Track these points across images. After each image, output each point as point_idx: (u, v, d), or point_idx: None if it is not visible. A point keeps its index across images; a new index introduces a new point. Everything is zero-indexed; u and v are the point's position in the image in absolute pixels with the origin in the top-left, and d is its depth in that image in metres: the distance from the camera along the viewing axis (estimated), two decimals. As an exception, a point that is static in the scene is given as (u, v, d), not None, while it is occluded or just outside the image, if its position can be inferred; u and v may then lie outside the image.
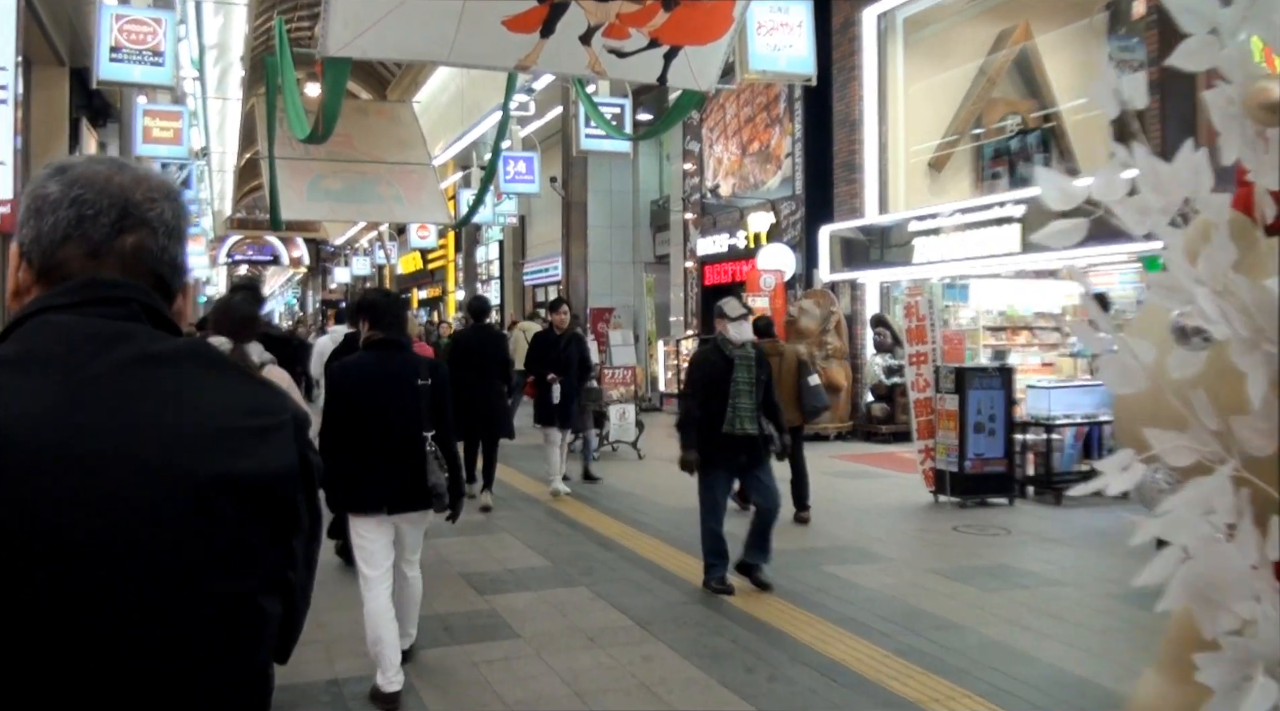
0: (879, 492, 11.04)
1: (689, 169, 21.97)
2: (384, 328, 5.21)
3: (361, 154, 26.09)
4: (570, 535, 8.78)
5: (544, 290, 32.06)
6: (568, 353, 10.66)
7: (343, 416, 4.99)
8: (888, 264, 15.77)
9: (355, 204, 25.35)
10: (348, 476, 4.90)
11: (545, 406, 10.68)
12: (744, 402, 6.75)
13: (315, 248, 70.37)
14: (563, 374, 10.56)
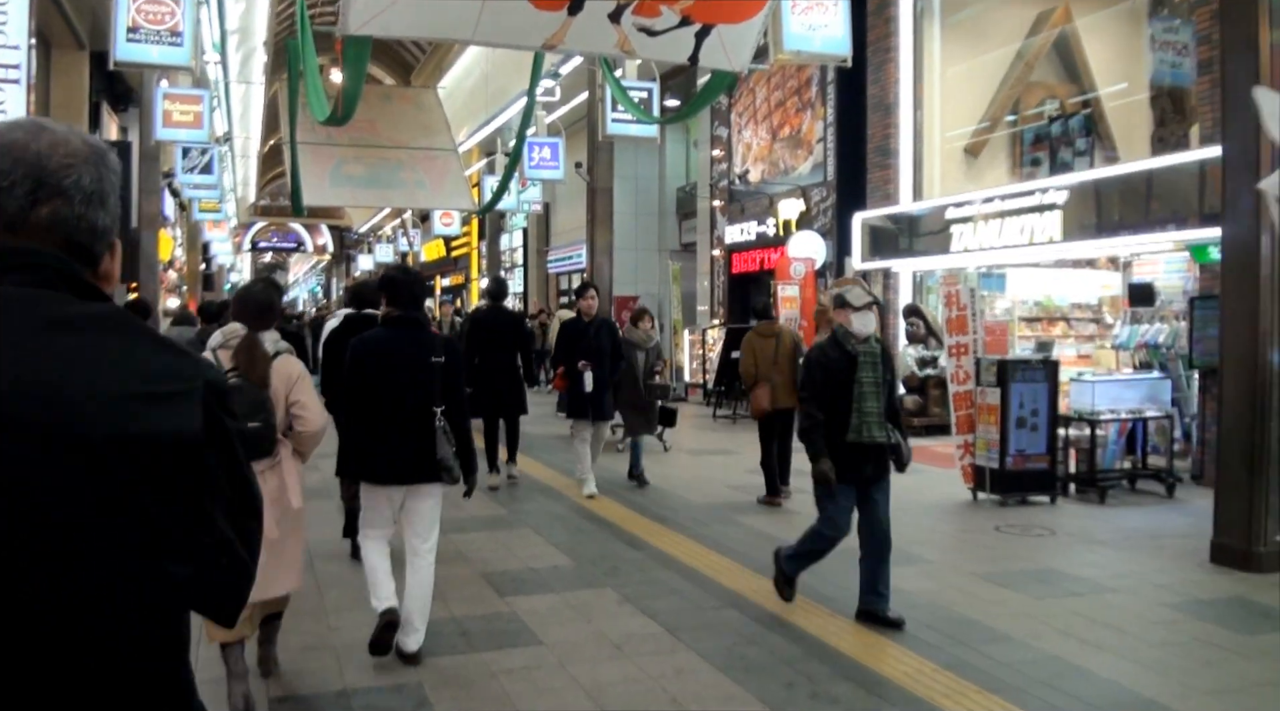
0: (915, 489, 10.60)
1: (717, 155, 21.58)
2: (401, 305, 5.38)
3: (385, 139, 25.80)
4: (594, 532, 8.43)
5: (568, 277, 31.77)
6: (598, 340, 10.01)
7: (358, 389, 5.21)
8: (922, 252, 15.36)
9: (378, 190, 25.09)
10: (360, 447, 5.19)
11: (577, 397, 10.01)
12: (870, 406, 5.92)
13: (339, 235, 70.44)
14: (595, 363, 9.94)
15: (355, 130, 25.94)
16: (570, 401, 10.27)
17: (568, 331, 10.27)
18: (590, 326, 10.08)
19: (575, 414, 10.13)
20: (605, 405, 10.07)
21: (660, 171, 26.71)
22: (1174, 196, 11.29)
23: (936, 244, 14.91)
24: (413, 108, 27.40)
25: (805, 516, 8.54)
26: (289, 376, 4.73)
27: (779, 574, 6.35)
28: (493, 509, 9.31)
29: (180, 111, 19.25)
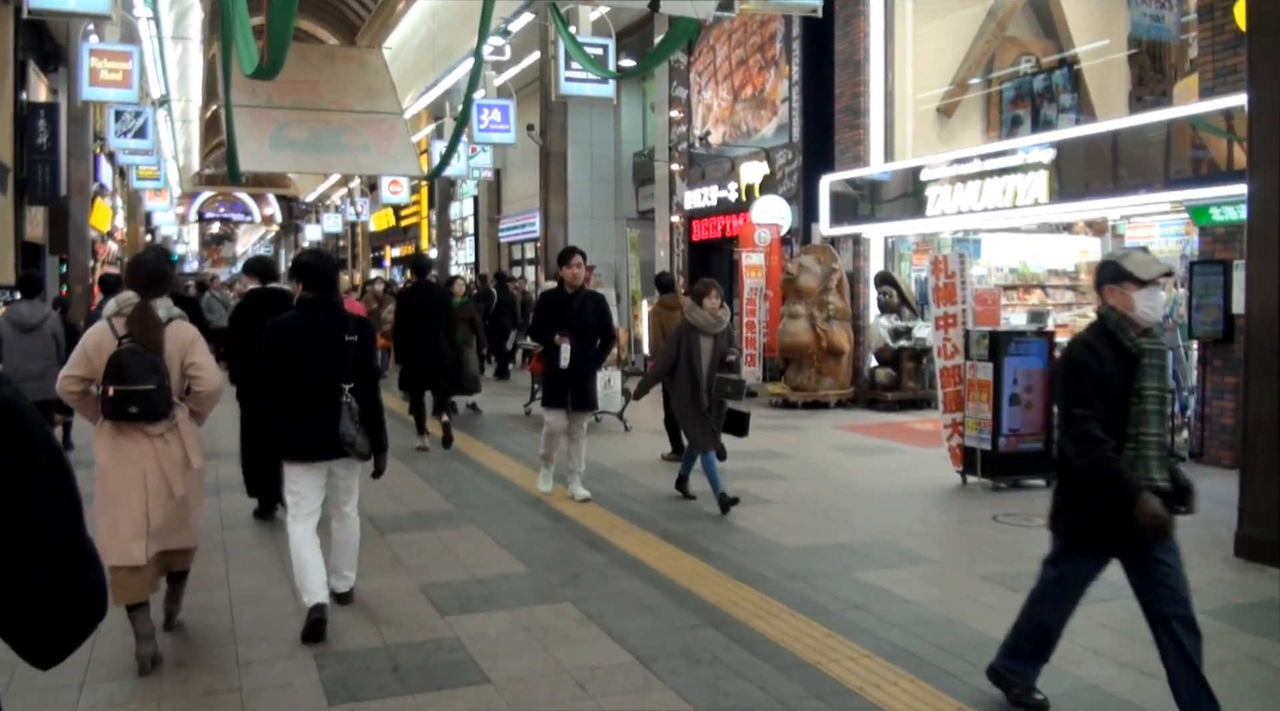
0: (898, 471, 9.81)
1: (675, 117, 20.59)
2: (315, 287, 5.49)
3: (328, 102, 24.73)
4: (551, 529, 7.52)
5: (520, 247, 30.75)
6: (583, 314, 8.40)
7: (277, 370, 5.31)
8: (894, 217, 14.50)
9: (320, 154, 24.02)
10: (282, 427, 5.33)
11: (553, 379, 8.33)
12: (1153, 431, 4.03)
13: (287, 205, 69.19)
14: (578, 340, 8.36)
15: (297, 92, 24.88)
16: (546, 385, 8.58)
17: (547, 303, 8.65)
18: (575, 298, 8.46)
19: (550, 401, 8.43)
20: (588, 391, 8.53)
21: (616, 136, 25.66)
22: (1172, 154, 10.48)
23: (910, 208, 14.05)
24: (357, 68, 26.30)
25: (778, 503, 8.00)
26: (183, 341, 4.90)
27: (1018, 694, 4.38)
28: (436, 502, 8.38)
29: (108, 69, 17.97)
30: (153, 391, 4.67)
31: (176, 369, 4.86)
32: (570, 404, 8.34)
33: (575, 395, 8.34)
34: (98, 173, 31.02)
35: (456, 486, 9.04)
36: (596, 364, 8.76)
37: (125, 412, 4.68)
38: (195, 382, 4.93)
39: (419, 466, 9.96)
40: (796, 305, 14.55)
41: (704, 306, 8.30)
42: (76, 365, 4.78)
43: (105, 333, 4.78)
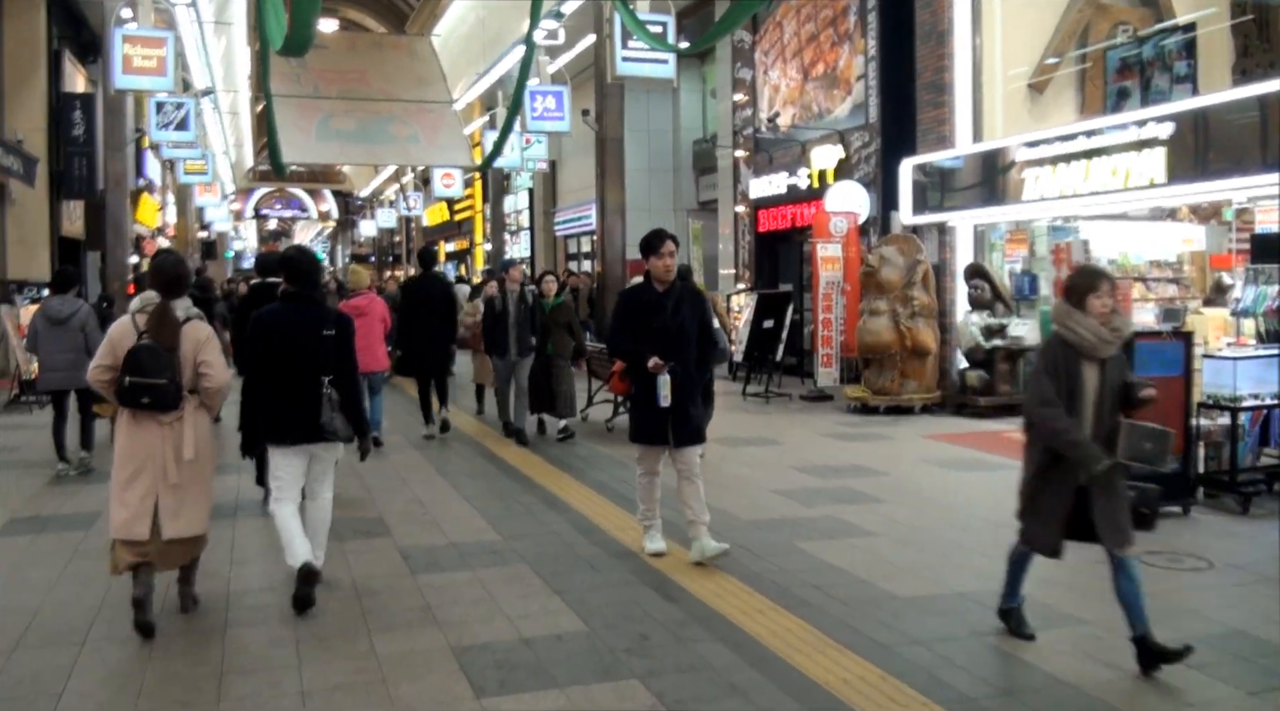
0: (1006, 492, 8.48)
1: (740, 100, 19.34)
2: (297, 282, 5.80)
3: (376, 91, 23.89)
4: (613, 571, 6.33)
5: (576, 240, 29.70)
6: (680, 318, 6.45)
7: (259, 359, 5.67)
8: (985, 203, 13.15)
9: (367, 144, 23.13)
10: (266, 412, 5.70)
11: (646, 412, 6.48)
12: None
13: (343, 200, 68.87)
14: (675, 356, 6.40)
15: (345, 82, 24.03)
16: (636, 417, 6.66)
17: (631, 305, 6.63)
18: (667, 299, 6.47)
19: (643, 436, 6.56)
20: (694, 419, 6.52)
21: (674, 123, 24.50)
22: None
23: (1003, 192, 12.72)
24: (406, 57, 25.43)
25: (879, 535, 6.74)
26: (196, 340, 5.36)
27: None
28: (479, 531, 7.24)
29: (142, 56, 16.97)
30: (164, 385, 5.21)
31: (190, 365, 5.34)
32: (673, 439, 6.46)
33: (679, 427, 6.42)
34: (144, 167, 30.39)
35: (505, 511, 7.88)
36: (701, 384, 6.77)
37: (138, 402, 5.22)
38: (205, 379, 5.36)
39: (463, 486, 8.84)
40: (877, 301, 13.28)
41: (1089, 311, 4.85)
42: (103, 356, 5.30)
43: (128, 327, 5.32)
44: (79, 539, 7.13)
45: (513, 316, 10.87)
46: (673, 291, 6.49)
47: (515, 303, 10.92)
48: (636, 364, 6.42)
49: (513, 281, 11.03)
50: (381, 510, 7.91)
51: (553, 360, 11.23)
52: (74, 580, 6.15)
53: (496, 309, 10.92)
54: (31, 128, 18.76)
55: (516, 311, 10.89)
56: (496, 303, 10.95)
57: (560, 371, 11.26)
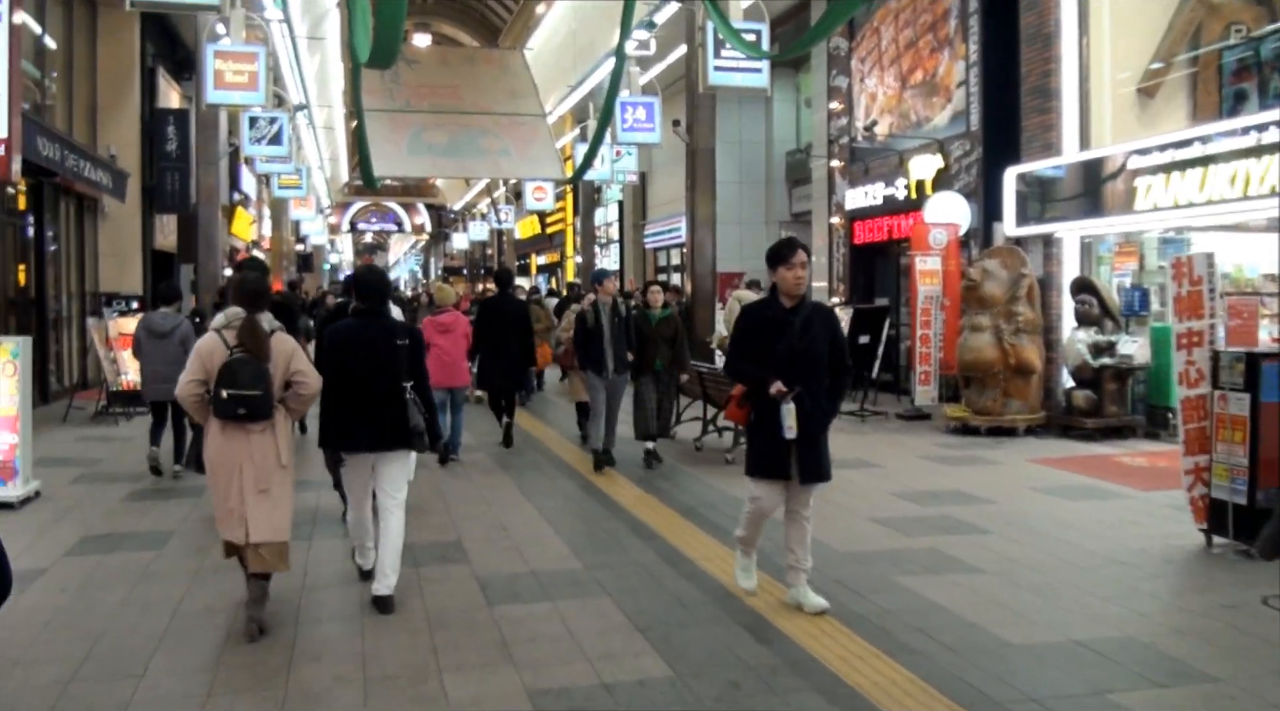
0: (1121, 524, 7.97)
1: (835, 109, 18.86)
2: (367, 299, 6.13)
3: (468, 105, 23.87)
4: (703, 607, 5.94)
5: (665, 253, 29.39)
6: (809, 338, 5.66)
7: (334, 372, 5.90)
8: (1093, 213, 12.54)
9: (459, 158, 23.11)
10: (340, 422, 5.96)
11: (768, 443, 5.67)
12: None
13: (436, 214, 69.63)
14: (803, 380, 5.59)
15: (436, 96, 24.07)
16: (755, 449, 5.83)
17: (751, 324, 5.84)
18: (794, 315, 5.67)
19: (763, 470, 5.73)
20: (821, 453, 5.75)
21: (767, 134, 24.07)
22: None
23: (1112, 202, 12.13)
24: (497, 70, 25.39)
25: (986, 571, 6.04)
26: (285, 351, 5.56)
27: None
28: (561, 558, 6.90)
29: (233, 71, 17.04)
30: (260, 396, 5.38)
31: (280, 376, 5.54)
32: (797, 475, 5.68)
33: (805, 461, 5.65)
34: (239, 182, 30.77)
35: (589, 537, 7.54)
36: (832, 413, 5.89)
37: (235, 413, 5.39)
38: (299, 386, 5.59)
39: (548, 509, 8.53)
40: (979, 316, 12.73)
41: None
42: (193, 371, 5.48)
43: (216, 342, 5.48)
44: (149, 560, 6.94)
45: (607, 332, 10.28)
46: (801, 308, 5.67)
47: (608, 316, 10.33)
48: (758, 389, 5.66)
49: (605, 294, 10.45)
50: (462, 533, 7.62)
51: (660, 375, 10.74)
52: (138, 605, 5.93)
53: (589, 323, 10.35)
54: (125, 143, 18.97)
55: (610, 326, 10.31)
56: (589, 317, 10.38)
57: (665, 388, 10.80)
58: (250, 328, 5.46)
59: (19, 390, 8.76)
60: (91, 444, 12.09)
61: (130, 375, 14.43)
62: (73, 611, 5.85)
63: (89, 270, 18.39)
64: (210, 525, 7.53)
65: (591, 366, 10.37)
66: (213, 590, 6.21)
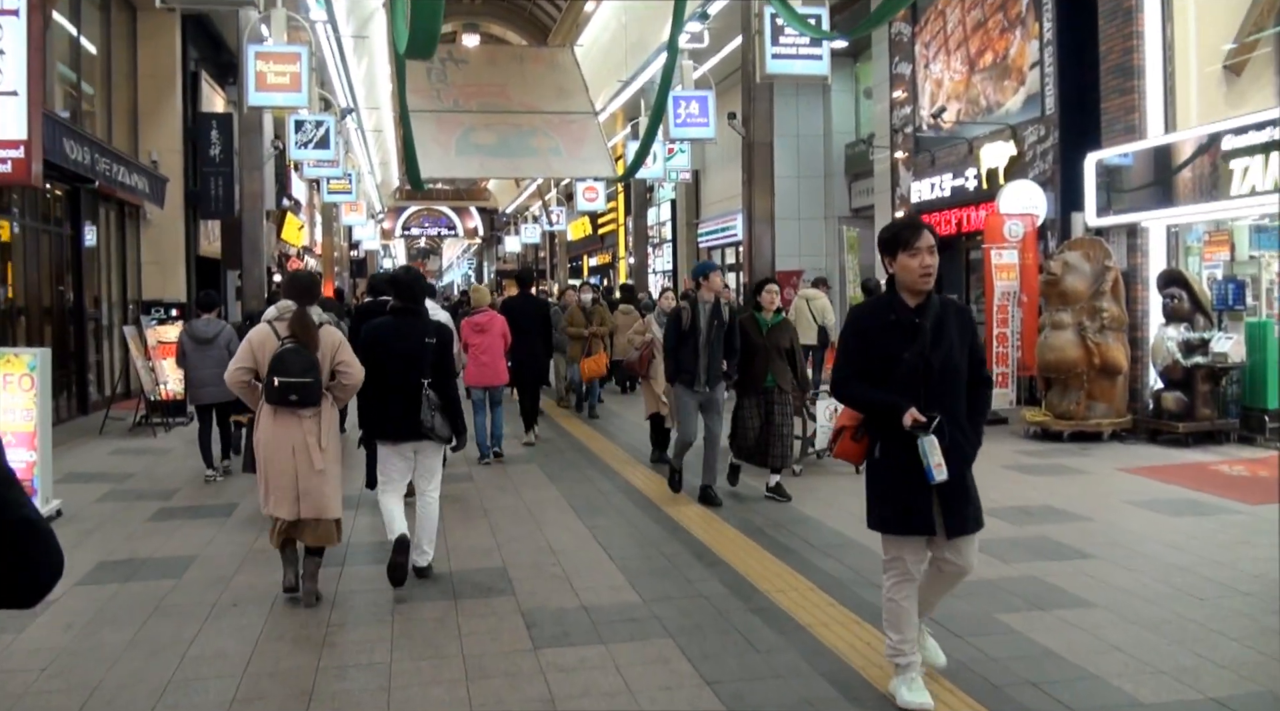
0: (1233, 545, 7.10)
1: (899, 97, 18.02)
2: (403, 298, 6.56)
3: (517, 104, 23.40)
4: (781, 653, 5.20)
5: (720, 252, 28.63)
6: (943, 344, 4.32)
7: (370, 366, 6.18)
8: (1182, 201, 11.66)
9: (508, 158, 22.64)
10: (375, 413, 6.43)
11: (901, 490, 4.33)
12: None
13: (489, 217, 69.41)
14: (940, 403, 4.27)
15: (485, 95, 23.61)
16: (882, 496, 4.42)
17: (865, 329, 4.48)
18: (922, 317, 4.31)
19: (897, 523, 4.38)
20: (973, 499, 4.41)
21: (825, 126, 23.25)
22: None
23: (1204, 188, 11.23)
24: (546, 68, 24.91)
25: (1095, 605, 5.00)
26: (333, 342, 5.97)
27: None
28: (617, 590, 6.18)
29: (275, 73, 16.60)
30: (310, 384, 5.75)
31: (327, 365, 5.90)
32: (943, 526, 4.32)
33: (953, 507, 4.31)
34: (289, 187, 30.44)
35: (646, 564, 6.80)
36: (978, 442, 4.49)
37: (286, 400, 5.74)
38: (343, 376, 5.95)
39: (601, 530, 7.81)
40: (1061, 313, 11.89)
41: None
42: (242, 359, 5.88)
43: (268, 334, 5.88)
44: (166, 590, 6.34)
45: (704, 336, 8.65)
46: (929, 307, 4.31)
47: (707, 318, 8.65)
48: (884, 419, 4.32)
49: (708, 291, 8.76)
50: (507, 558, 6.94)
51: (772, 395, 8.78)
52: (147, 646, 5.32)
53: (684, 325, 8.71)
54: (167, 148, 18.55)
55: (709, 330, 8.65)
56: (685, 317, 8.72)
57: (780, 409, 8.78)
58: (301, 319, 5.87)
59: (37, 405, 8.21)
60: (126, 457, 11.59)
61: (170, 384, 13.97)
62: (74, 654, 5.25)
63: (131, 278, 17.98)
64: (234, 551, 7.18)
65: (681, 378, 8.75)
66: (228, 628, 5.58)
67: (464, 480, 10.01)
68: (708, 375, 8.67)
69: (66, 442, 12.59)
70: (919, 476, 4.21)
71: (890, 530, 4.39)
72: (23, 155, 9.33)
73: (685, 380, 8.71)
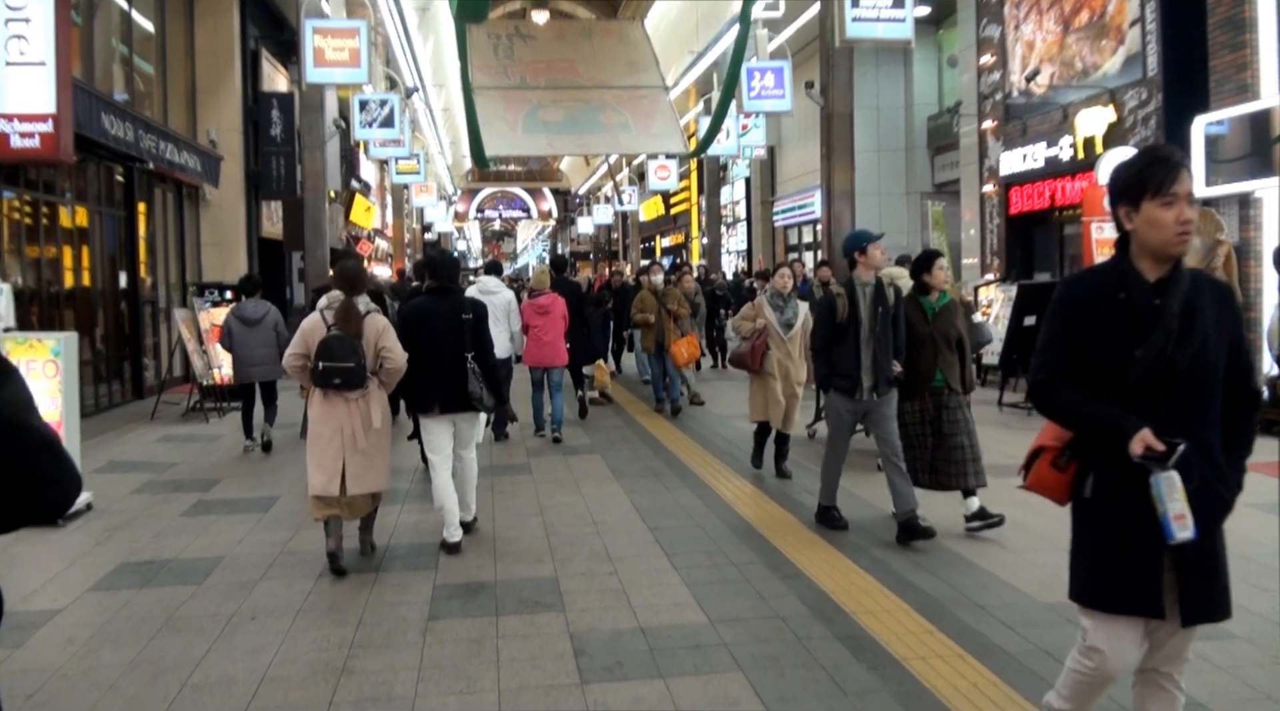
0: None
1: (987, 62, 16.98)
2: (439, 277, 6.97)
3: (586, 79, 22.82)
4: (871, 689, 4.47)
5: (797, 230, 27.76)
6: (1197, 341, 2.94)
7: (411, 342, 6.55)
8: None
9: (576, 135, 22.01)
10: (416, 386, 6.69)
11: (1121, 547, 2.99)
12: None
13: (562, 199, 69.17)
14: (1187, 423, 2.91)
15: (553, 71, 23.02)
16: (1093, 558, 3.08)
17: (1083, 311, 3.08)
18: (1166, 296, 2.96)
19: (1113, 597, 3.02)
20: (1221, 574, 3.01)
21: (906, 98, 22.23)
22: None
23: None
24: (616, 42, 24.25)
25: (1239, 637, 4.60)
26: (377, 329, 6.28)
27: None
28: (681, 608, 5.42)
29: (334, 48, 16.15)
30: (352, 368, 6.11)
31: (372, 351, 6.22)
32: (1182, 604, 2.97)
33: (1191, 580, 2.96)
34: (357, 169, 30.03)
35: (714, 575, 6.02)
36: (1239, 484, 3.08)
37: (331, 383, 6.13)
38: (386, 361, 6.26)
39: (666, 534, 7.05)
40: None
41: None
42: (296, 345, 6.26)
43: (318, 321, 6.25)
44: (184, 599, 5.72)
45: (865, 328, 6.76)
46: (1176, 282, 2.98)
47: (869, 306, 6.77)
48: (1104, 442, 3.00)
49: (867, 269, 6.85)
50: (559, 567, 6.20)
51: (944, 397, 6.89)
52: (148, 669, 4.68)
53: (840, 314, 6.78)
54: (227, 128, 18.11)
55: (872, 320, 6.75)
56: (841, 307, 6.76)
57: (952, 415, 6.86)
58: (345, 309, 6.23)
59: (62, 392, 7.68)
60: (172, 445, 11.09)
61: (225, 368, 13.50)
62: (66, 678, 4.63)
63: (190, 260, 17.57)
64: (265, 552, 6.73)
65: (837, 384, 6.88)
66: (240, 649, 4.92)
67: (521, 472, 9.32)
68: (874, 378, 6.76)
69: (115, 428, 12.20)
70: (1150, 530, 2.90)
71: (1096, 605, 3.04)
72: (51, 129, 8.79)
73: (843, 387, 6.81)
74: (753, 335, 8.77)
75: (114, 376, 14.43)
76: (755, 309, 9.03)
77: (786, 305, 8.87)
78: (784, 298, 8.90)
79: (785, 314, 8.81)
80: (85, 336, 13.56)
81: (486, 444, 10.57)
